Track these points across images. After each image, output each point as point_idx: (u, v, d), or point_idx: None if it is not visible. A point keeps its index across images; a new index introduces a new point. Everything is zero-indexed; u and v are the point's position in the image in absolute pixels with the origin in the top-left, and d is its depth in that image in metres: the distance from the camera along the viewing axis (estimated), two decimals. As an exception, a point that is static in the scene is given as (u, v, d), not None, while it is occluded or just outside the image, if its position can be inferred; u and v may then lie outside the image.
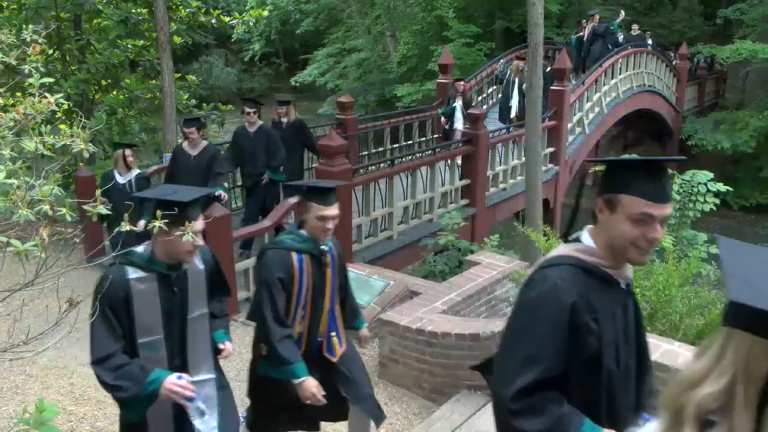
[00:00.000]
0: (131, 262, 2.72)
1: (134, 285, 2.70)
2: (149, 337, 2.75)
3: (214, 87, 27.25)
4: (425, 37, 21.73)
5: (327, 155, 7.05)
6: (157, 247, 2.72)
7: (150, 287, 2.73)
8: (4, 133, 1.99)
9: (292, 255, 3.19)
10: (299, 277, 3.20)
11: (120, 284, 2.68)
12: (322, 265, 3.29)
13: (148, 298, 2.72)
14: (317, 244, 3.24)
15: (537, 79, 8.03)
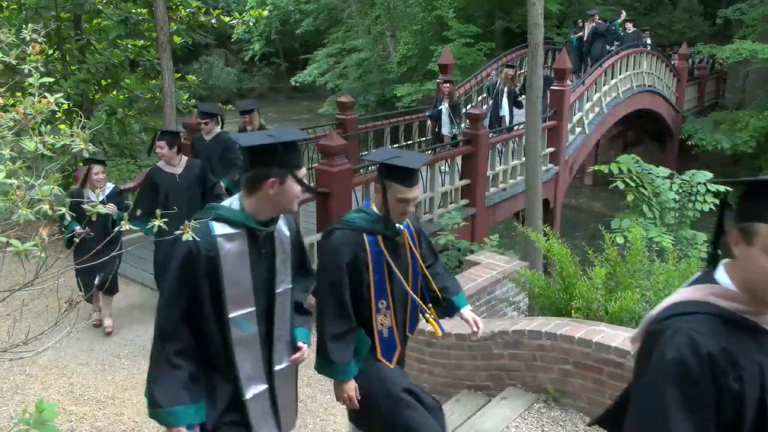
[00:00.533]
0: (218, 217, 2.33)
1: (222, 243, 2.31)
2: (242, 310, 2.36)
3: (214, 87, 27.27)
4: (425, 37, 21.74)
5: (327, 155, 7.04)
6: (251, 201, 2.35)
7: (240, 246, 2.34)
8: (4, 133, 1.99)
9: (363, 236, 2.81)
10: (373, 261, 2.81)
11: (206, 243, 2.27)
12: (399, 247, 2.88)
13: (238, 260, 2.34)
14: (391, 224, 2.83)
15: (537, 79, 8.02)
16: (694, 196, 8.30)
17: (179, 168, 5.83)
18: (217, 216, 2.33)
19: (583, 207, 18.04)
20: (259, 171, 2.29)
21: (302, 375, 5.10)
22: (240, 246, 2.33)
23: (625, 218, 8.53)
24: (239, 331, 2.35)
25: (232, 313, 2.33)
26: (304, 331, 2.67)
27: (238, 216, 2.34)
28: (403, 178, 2.74)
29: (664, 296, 4.71)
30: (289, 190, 2.31)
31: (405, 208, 2.78)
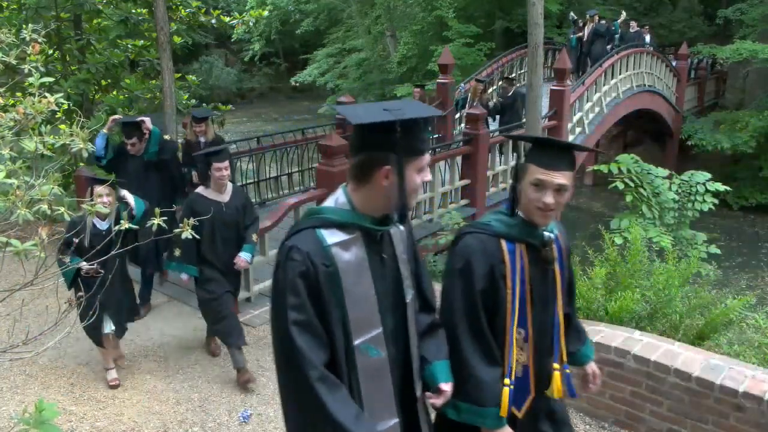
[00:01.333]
0: (325, 221, 1.89)
1: (338, 254, 1.86)
2: (367, 333, 1.89)
3: (214, 87, 27.27)
4: (425, 37, 21.74)
5: (327, 155, 7.04)
6: (361, 195, 1.91)
7: (358, 254, 1.89)
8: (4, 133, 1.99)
9: (502, 243, 2.24)
10: (513, 276, 2.22)
11: (320, 256, 1.84)
12: (545, 261, 2.27)
13: (358, 272, 1.88)
14: (537, 230, 2.24)
15: (537, 79, 8.03)
16: (694, 196, 8.30)
17: (226, 195, 4.94)
18: (323, 221, 1.89)
19: (583, 207, 18.03)
20: (370, 156, 1.87)
21: (302, 375, 5.10)
22: (358, 254, 1.89)
23: (624, 218, 8.52)
24: (366, 359, 1.89)
25: (357, 339, 1.87)
26: (443, 366, 2.10)
27: (350, 216, 1.90)
28: (542, 156, 2.16)
29: (664, 296, 4.72)
30: (408, 182, 1.85)
31: (543, 199, 2.13)
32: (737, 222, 16.89)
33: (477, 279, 2.18)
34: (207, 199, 4.87)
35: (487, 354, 2.17)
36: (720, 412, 3.46)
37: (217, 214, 4.75)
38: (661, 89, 16.96)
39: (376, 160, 1.87)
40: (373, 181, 1.88)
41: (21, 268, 2.20)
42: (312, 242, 1.85)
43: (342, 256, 1.86)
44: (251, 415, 4.58)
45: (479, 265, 2.19)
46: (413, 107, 1.93)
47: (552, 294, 2.29)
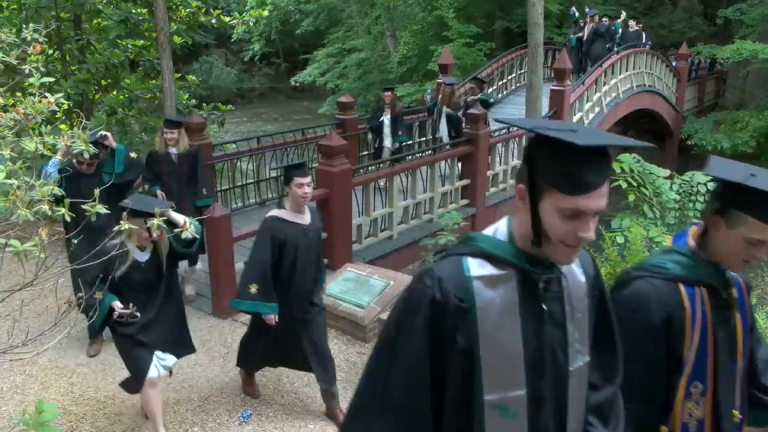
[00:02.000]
0: (475, 250, 1.59)
1: (480, 290, 1.55)
2: (504, 393, 1.56)
3: (214, 87, 27.26)
4: (425, 37, 21.75)
5: (327, 155, 7.04)
6: (517, 223, 1.59)
7: (507, 296, 1.56)
8: (4, 133, 1.99)
9: (680, 288, 1.94)
10: (692, 325, 1.92)
11: (456, 287, 1.54)
12: (726, 306, 1.98)
13: (503, 316, 1.55)
14: (722, 272, 1.96)
15: (537, 79, 8.04)
16: (695, 196, 8.30)
17: (306, 215, 4.36)
18: (474, 248, 1.60)
19: (583, 207, 18.03)
20: (522, 169, 1.56)
21: (302, 375, 5.11)
22: (507, 296, 1.56)
23: (625, 218, 8.51)
24: (496, 418, 1.57)
25: (489, 395, 1.55)
26: None
27: (505, 249, 1.57)
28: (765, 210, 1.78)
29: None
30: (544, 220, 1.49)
31: (755, 254, 1.84)
32: (737, 222, 16.88)
33: (655, 332, 1.90)
34: (288, 222, 4.24)
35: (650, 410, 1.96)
36: (720, 412, 3.46)
37: (301, 240, 4.21)
38: (661, 89, 16.97)
39: (521, 173, 1.56)
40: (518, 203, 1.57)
41: (21, 268, 2.20)
42: (452, 270, 1.56)
43: (484, 294, 1.54)
44: (251, 415, 4.58)
45: (655, 316, 1.90)
46: (590, 133, 1.50)
47: (734, 341, 1.99)
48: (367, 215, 7.87)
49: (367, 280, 6.24)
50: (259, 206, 9.33)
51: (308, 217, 4.36)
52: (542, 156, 1.46)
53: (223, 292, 6.05)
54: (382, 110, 9.74)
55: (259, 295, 4.15)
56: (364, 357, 5.43)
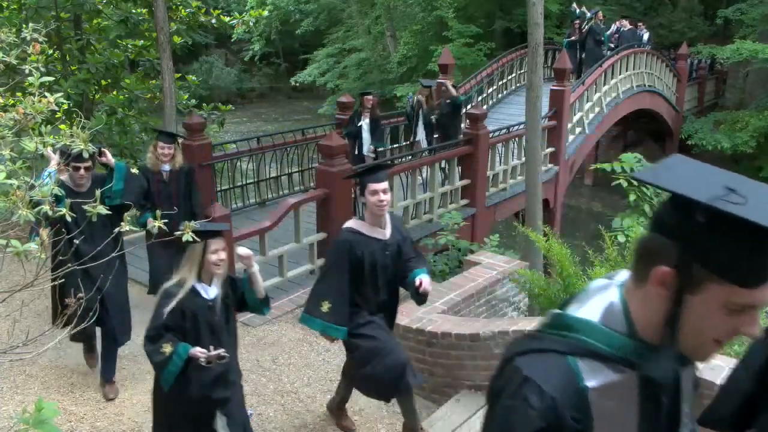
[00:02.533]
0: (581, 348, 1.18)
1: (598, 404, 1.17)
2: None
3: (214, 87, 27.27)
4: (425, 37, 21.77)
5: (327, 155, 7.04)
6: (638, 301, 1.19)
7: (628, 405, 1.20)
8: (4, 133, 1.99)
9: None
10: None
11: (568, 405, 1.15)
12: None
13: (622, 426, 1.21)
14: None
15: (537, 79, 8.02)
16: (695, 196, 8.29)
17: (386, 228, 3.83)
18: (581, 346, 1.18)
19: (583, 207, 18.04)
20: (653, 241, 1.16)
21: (302, 375, 5.11)
22: (627, 404, 1.20)
23: (626, 218, 8.51)
24: None
25: None
26: None
27: (626, 347, 1.17)
28: None
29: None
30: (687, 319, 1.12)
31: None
32: (737, 222, 16.90)
33: None
34: (365, 237, 3.77)
35: None
36: (720, 412, 3.46)
37: (379, 255, 3.75)
38: (661, 89, 16.97)
39: (659, 251, 1.14)
40: (647, 283, 1.16)
41: (21, 268, 2.20)
42: (561, 379, 1.16)
43: (603, 407, 1.17)
44: (251, 415, 4.58)
45: None
46: None
47: None
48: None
49: (367, 280, 6.24)
50: (258, 206, 9.34)
51: (388, 230, 3.81)
52: (710, 237, 1.07)
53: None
54: (360, 114, 9.21)
55: (330, 314, 3.73)
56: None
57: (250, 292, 3.51)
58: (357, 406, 4.63)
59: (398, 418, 4.38)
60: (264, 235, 6.52)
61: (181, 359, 3.20)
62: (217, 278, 3.37)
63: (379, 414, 4.51)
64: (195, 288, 3.31)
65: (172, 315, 3.22)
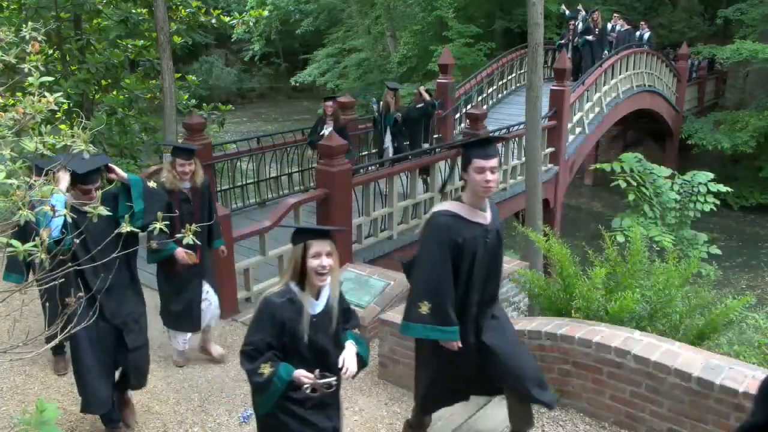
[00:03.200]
0: None
1: None
2: None
3: (214, 87, 27.29)
4: (425, 37, 21.76)
5: (327, 155, 7.04)
6: None
7: None
8: (4, 133, 1.99)
9: None
10: None
11: None
12: None
13: None
14: None
15: (537, 79, 8.02)
16: (695, 196, 8.31)
17: (487, 213, 3.33)
18: None
19: (583, 207, 18.04)
20: None
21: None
22: None
23: (626, 217, 8.54)
24: None
25: None
26: None
27: None
28: None
29: (664, 296, 4.72)
30: None
31: None
32: (737, 222, 16.90)
33: None
34: (466, 221, 3.23)
35: None
36: (720, 412, 3.46)
37: (480, 245, 3.24)
38: (661, 89, 16.97)
39: None
40: None
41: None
42: None
43: None
44: (251, 415, 4.57)
45: None
46: None
47: None
48: (367, 215, 7.88)
49: (367, 280, 6.23)
50: (258, 206, 9.34)
51: (489, 214, 3.32)
52: None
53: (222, 292, 6.05)
54: (324, 122, 8.56)
55: (432, 316, 3.17)
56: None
57: None
58: (357, 406, 4.62)
59: (398, 418, 4.38)
60: (264, 235, 6.52)
61: (283, 383, 2.73)
62: (324, 289, 2.84)
63: (379, 414, 4.51)
64: (297, 299, 2.79)
65: (272, 329, 2.76)
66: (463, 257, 3.21)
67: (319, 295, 2.83)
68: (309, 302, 2.80)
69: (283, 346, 2.78)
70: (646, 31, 17.07)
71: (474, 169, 3.14)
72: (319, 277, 2.74)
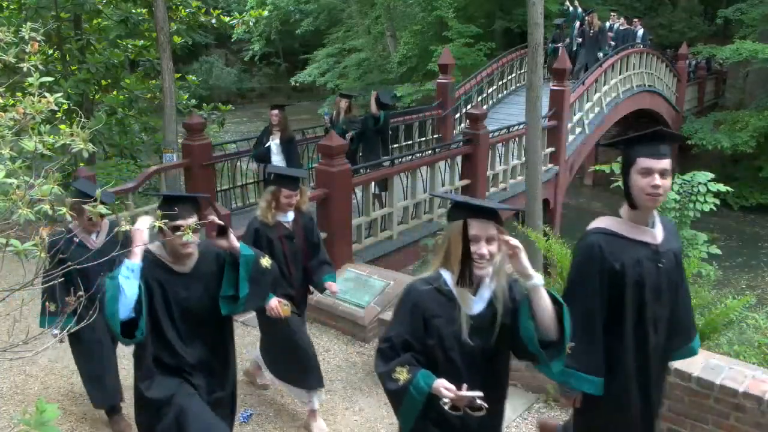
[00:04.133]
0: None
1: None
2: None
3: (214, 87, 27.28)
4: (425, 37, 21.75)
5: (327, 155, 7.04)
6: None
7: None
8: (4, 133, 1.99)
9: None
10: None
11: None
12: None
13: None
14: None
15: (537, 79, 8.02)
16: (695, 196, 8.30)
17: (657, 230, 2.64)
18: None
19: (583, 207, 18.04)
20: None
21: (302, 375, 5.10)
22: None
23: (625, 218, 8.50)
24: None
25: None
26: None
27: None
28: None
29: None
30: None
31: None
32: (737, 222, 16.90)
33: None
34: (627, 240, 2.55)
35: None
36: (720, 412, 3.46)
37: (647, 272, 2.54)
38: (661, 89, 16.98)
39: None
40: None
41: (21, 268, 2.20)
42: None
43: None
44: (251, 415, 4.57)
45: None
46: None
47: None
48: (367, 215, 7.88)
49: (367, 280, 6.24)
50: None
51: (659, 231, 2.59)
52: None
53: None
54: (270, 133, 7.83)
55: (573, 357, 2.40)
56: (365, 357, 5.43)
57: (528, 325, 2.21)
58: (357, 406, 4.62)
59: (398, 418, 4.37)
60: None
61: (422, 394, 2.20)
62: (485, 283, 2.25)
63: (379, 414, 4.51)
64: (450, 292, 2.23)
65: (413, 324, 2.25)
66: (626, 288, 2.50)
67: (478, 289, 2.25)
68: (466, 297, 2.24)
69: (426, 348, 2.24)
70: (640, 29, 16.94)
71: (639, 171, 2.47)
72: (478, 265, 2.17)
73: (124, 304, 2.56)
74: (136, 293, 2.59)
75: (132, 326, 2.61)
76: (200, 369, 2.97)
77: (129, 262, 2.62)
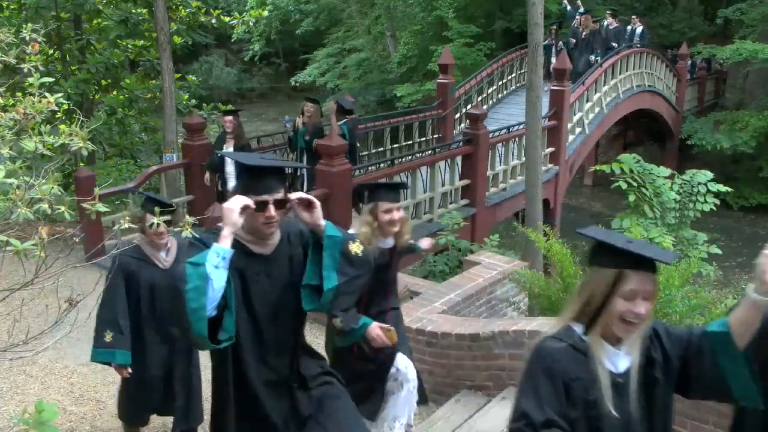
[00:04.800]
0: None
1: None
2: None
3: (214, 87, 27.27)
4: (425, 37, 21.74)
5: (327, 155, 7.04)
6: None
7: None
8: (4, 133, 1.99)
9: None
10: None
11: None
12: None
13: None
14: None
15: (537, 79, 8.02)
16: (695, 196, 8.31)
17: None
18: None
19: (583, 207, 18.04)
20: None
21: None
22: None
23: (626, 218, 8.53)
24: None
25: None
26: None
27: None
28: None
29: (663, 296, 4.72)
30: None
31: None
32: (737, 222, 16.90)
33: None
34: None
35: None
36: (720, 412, 3.46)
37: None
38: (661, 89, 16.97)
39: None
40: None
41: (21, 267, 2.20)
42: None
43: None
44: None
45: None
46: None
47: None
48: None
49: (367, 280, 6.24)
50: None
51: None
52: None
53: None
54: (224, 140, 7.41)
55: None
56: (364, 357, 5.43)
57: None
58: (357, 406, 4.62)
59: (398, 418, 4.37)
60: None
61: None
62: (630, 339, 1.82)
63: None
64: (586, 347, 1.82)
65: (553, 394, 1.76)
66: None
67: (622, 347, 1.83)
68: (606, 353, 1.81)
69: (569, 421, 1.75)
70: (639, 26, 16.84)
71: None
72: (626, 327, 1.77)
73: (211, 299, 2.12)
74: (223, 286, 2.13)
75: (215, 327, 2.18)
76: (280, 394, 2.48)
77: (218, 247, 2.12)
